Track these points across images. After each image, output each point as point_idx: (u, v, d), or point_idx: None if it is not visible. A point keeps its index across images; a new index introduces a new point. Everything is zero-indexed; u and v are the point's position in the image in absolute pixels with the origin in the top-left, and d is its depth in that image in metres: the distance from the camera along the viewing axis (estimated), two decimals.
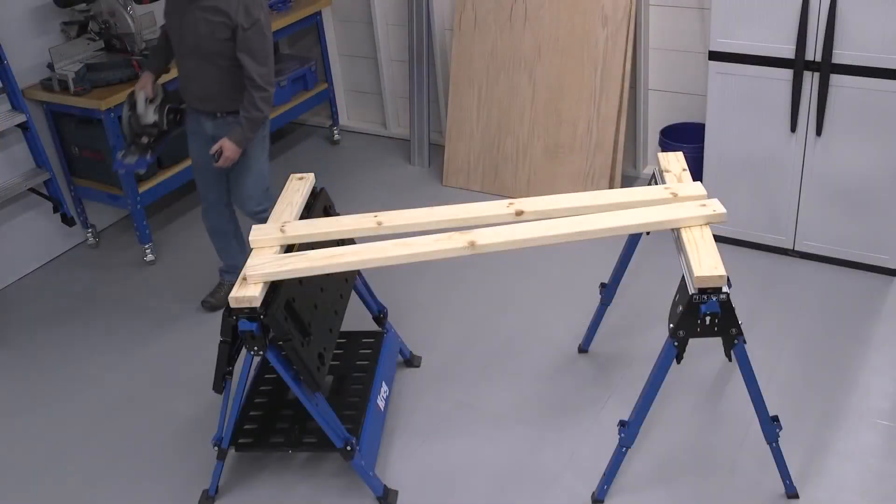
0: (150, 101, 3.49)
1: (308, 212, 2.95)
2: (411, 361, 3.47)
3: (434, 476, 2.97)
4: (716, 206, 2.56)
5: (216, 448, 2.84)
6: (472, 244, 2.52)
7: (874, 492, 2.73)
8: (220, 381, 2.71)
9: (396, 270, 3.82)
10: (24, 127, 4.04)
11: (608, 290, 3.24)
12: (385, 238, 2.66)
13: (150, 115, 3.48)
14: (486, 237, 2.54)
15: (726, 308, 2.37)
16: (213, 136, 3.45)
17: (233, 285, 3.46)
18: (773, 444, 2.65)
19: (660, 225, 2.56)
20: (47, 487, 3.09)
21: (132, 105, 3.49)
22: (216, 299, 3.87)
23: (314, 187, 3.06)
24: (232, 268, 3.85)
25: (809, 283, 3.70)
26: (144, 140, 3.51)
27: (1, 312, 4.09)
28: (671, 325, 2.46)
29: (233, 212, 3.75)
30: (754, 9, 3.45)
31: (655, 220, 2.56)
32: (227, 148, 3.34)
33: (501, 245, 2.55)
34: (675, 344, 2.44)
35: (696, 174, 3.42)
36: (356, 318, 3.49)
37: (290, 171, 3.28)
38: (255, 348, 2.53)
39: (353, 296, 3.17)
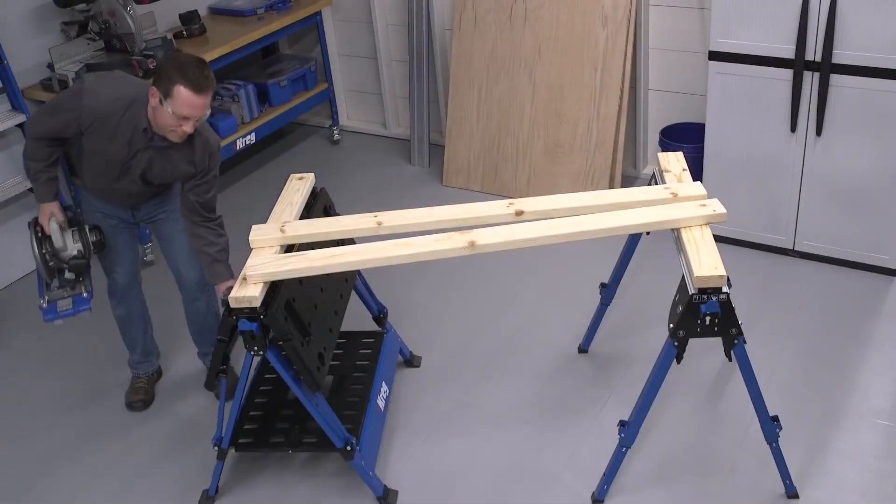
0: (62, 229, 2.97)
1: (308, 212, 2.95)
2: (411, 361, 3.47)
3: (434, 476, 2.97)
4: (716, 206, 2.56)
5: (216, 448, 2.84)
6: (472, 244, 2.52)
7: (874, 492, 2.73)
8: (214, 379, 2.71)
9: (396, 270, 3.81)
10: (24, 127, 4.03)
11: (608, 290, 3.24)
12: (385, 238, 2.66)
13: (70, 246, 2.94)
14: (486, 237, 2.53)
15: (726, 308, 2.37)
16: (132, 214, 3.11)
17: (152, 375, 3.47)
18: (773, 444, 2.65)
19: (660, 225, 2.56)
20: (47, 487, 3.09)
21: (41, 240, 2.95)
22: (146, 395, 3.44)
23: (314, 187, 3.06)
24: (147, 353, 3.45)
25: (809, 283, 3.70)
26: (69, 275, 2.96)
27: (1, 312, 4.09)
28: (671, 325, 2.46)
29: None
30: (754, 9, 3.45)
31: (655, 220, 2.56)
32: (228, 288, 2.77)
33: (501, 245, 2.55)
34: (675, 344, 2.44)
35: (696, 174, 3.42)
36: (356, 318, 3.48)
37: (290, 171, 3.27)
38: (255, 348, 2.53)
39: (353, 296, 3.17)
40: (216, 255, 2.95)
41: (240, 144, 4.72)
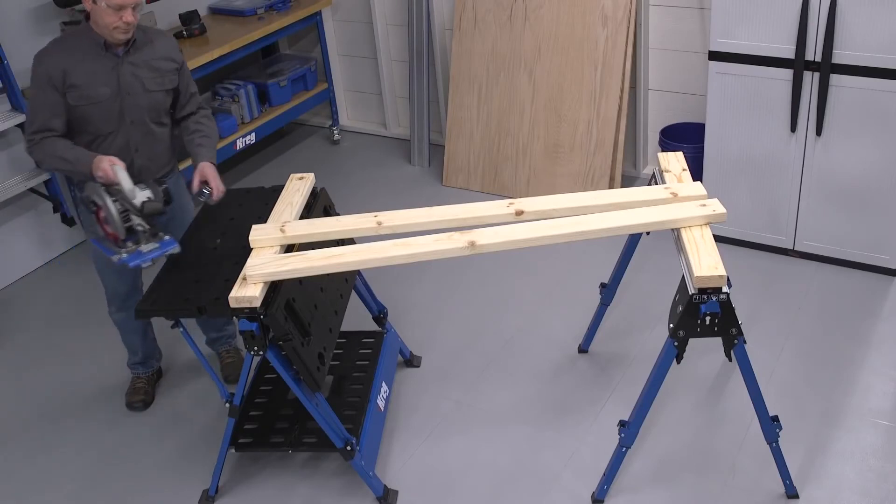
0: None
1: (308, 212, 2.95)
2: (411, 361, 3.47)
3: (434, 476, 2.97)
4: (716, 206, 2.56)
5: (228, 405, 2.82)
6: (472, 244, 2.52)
7: (874, 492, 2.73)
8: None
9: (396, 270, 3.82)
10: (25, 134, 4.03)
11: (608, 290, 3.24)
12: (385, 238, 2.66)
13: (139, 193, 2.73)
14: (486, 237, 2.53)
15: (726, 308, 2.37)
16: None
17: (152, 375, 3.45)
18: (773, 444, 2.65)
19: (660, 225, 2.56)
20: (46, 488, 3.09)
21: (109, 190, 2.73)
22: (146, 395, 3.43)
23: (314, 187, 3.06)
24: (148, 356, 3.44)
25: (809, 283, 3.70)
26: (141, 227, 2.75)
27: (1, 312, 4.09)
28: (671, 325, 2.46)
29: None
30: (754, 9, 3.45)
31: (655, 220, 2.56)
32: (212, 173, 2.90)
33: (501, 245, 2.55)
34: (675, 344, 2.44)
35: (696, 174, 3.42)
36: (356, 318, 3.49)
37: (290, 170, 3.28)
38: (255, 348, 2.53)
39: (353, 296, 3.17)
40: (201, 138, 3.00)
41: (240, 144, 4.72)
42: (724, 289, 2.35)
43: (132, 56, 2.87)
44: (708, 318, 2.38)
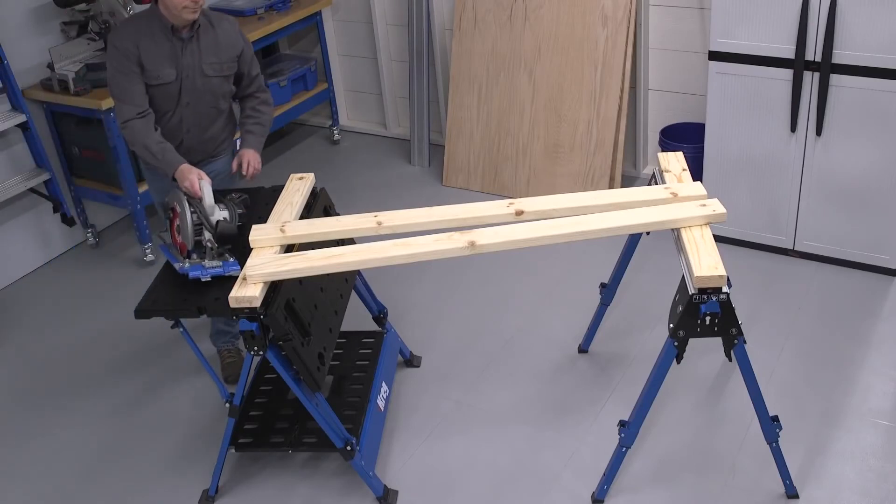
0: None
1: (308, 212, 2.95)
2: (411, 361, 3.47)
3: (434, 476, 2.97)
4: (716, 206, 2.56)
5: (228, 405, 2.82)
6: (472, 244, 2.52)
7: (874, 492, 2.73)
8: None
9: (396, 270, 3.82)
10: (24, 127, 4.04)
11: (608, 290, 3.24)
12: (385, 238, 2.66)
13: (217, 212, 2.74)
14: (486, 237, 2.53)
15: (726, 308, 2.37)
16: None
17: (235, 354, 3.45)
18: (773, 444, 2.65)
19: (660, 225, 2.56)
20: (47, 487, 3.09)
21: (191, 201, 2.76)
22: (230, 373, 3.46)
23: (314, 187, 3.06)
24: (225, 329, 3.48)
25: (809, 283, 3.70)
26: (212, 244, 2.72)
27: (1, 312, 4.09)
28: (671, 325, 2.46)
29: None
30: (754, 9, 3.45)
31: (655, 220, 2.56)
32: (253, 157, 3.12)
33: (501, 245, 2.55)
34: (675, 344, 2.44)
35: (696, 174, 3.42)
36: (356, 318, 3.49)
37: (290, 171, 3.28)
38: (255, 348, 2.53)
39: (353, 296, 3.17)
40: (252, 125, 3.18)
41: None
42: (724, 289, 2.35)
43: (195, 41, 2.99)
44: (708, 318, 2.38)
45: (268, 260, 2.58)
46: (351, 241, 2.93)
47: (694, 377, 3.24)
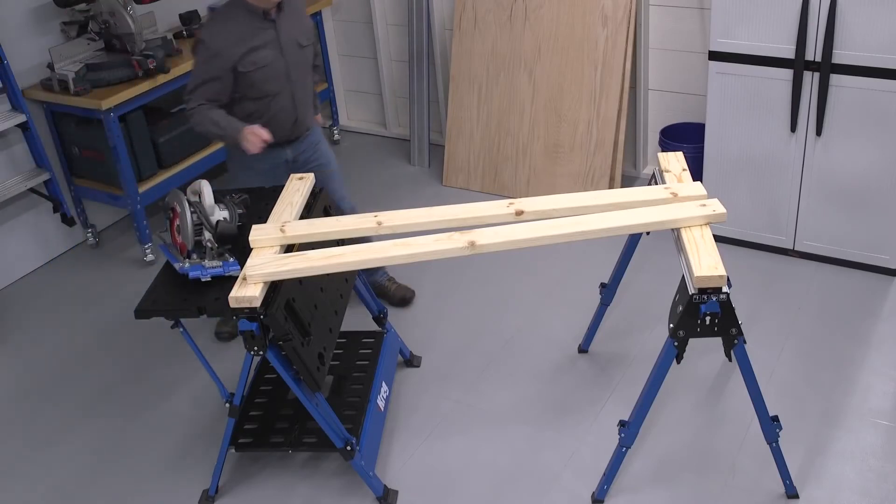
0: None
1: (308, 212, 2.95)
2: (411, 361, 3.47)
3: (434, 476, 2.97)
4: (716, 206, 2.56)
5: (228, 405, 2.82)
6: (472, 244, 2.52)
7: (874, 492, 2.73)
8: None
9: (397, 270, 3.82)
10: (24, 127, 4.04)
11: (608, 290, 3.24)
12: (385, 238, 2.66)
13: (217, 212, 2.74)
14: (486, 237, 2.53)
15: (726, 308, 2.37)
16: (293, 160, 3.39)
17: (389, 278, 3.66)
18: (773, 444, 2.65)
19: (660, 225, 2.56)
20: (47, 487, 3.09)
21: (191, 201, 2.73)
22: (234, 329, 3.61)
23: (314, 187, 3.06)
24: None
25: (809, 283, 3.70)
26: (211, 245, 2.72)
27: (1, 312, 4.09)
28: (671, 325, 2.46)
29: None
30: (754, 9, 3.45)
31: (655, 220, 2.56)
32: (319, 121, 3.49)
33: (501, 245, 2.55)
34: (675, 344, 2.44)
35: (696, 174, 3.42)
36: (356, 318, 3.49)
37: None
38: (255, 348, 2.53)
39: (353, 296, 3.17)
40: (316, 97, 3.43)
41: None
42: (724, 289, 2.35)
43: (284, 18, 3.13)
44: (708, 318, 2.38)
45: (268, 260, 2.58)
46: (351, 242, 2.92)
47: (694, 377, 3.24)
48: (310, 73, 3.34)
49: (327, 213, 3.08)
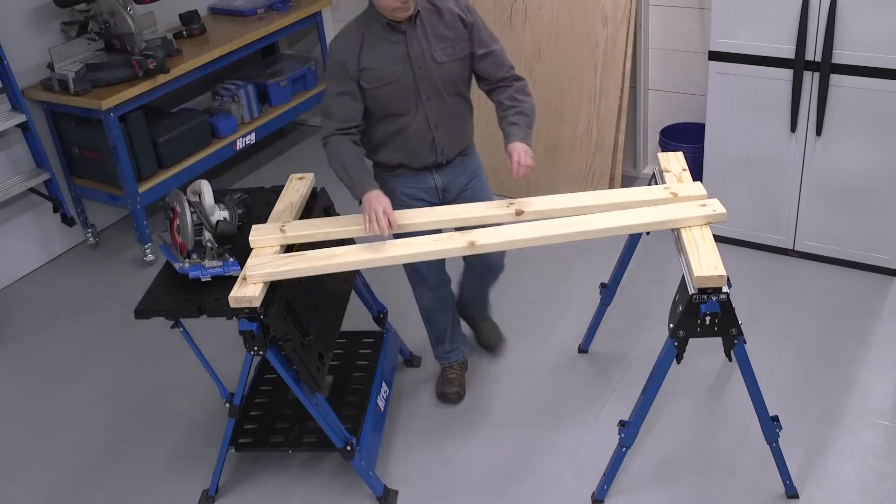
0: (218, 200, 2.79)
1: (308, 212, 2.95)
2: (411, 361, 3.47)
3: (434, 476, 2.97)
4: (716, 207, 2.56)
5: (228, 405, 2.82)
6: (472, 244, 2.52)
7: (874, 492, 2.73)
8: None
9: (397, 270, 3.81)
10: (24, 127, 4.04)
11: (608, 290, 3.24)
12: (385, 238, 2.66)
13: (217, 212, 2.74)
14: (486, 237, 2.54)
15: (726, 308, 2.37)
16: (443, 188, 2.96)
17: (460, 364, 3.33)
18: (773, 444, 2.65)
19: (660, 225, 2.56)
20: (47, 487, 3.09)
21: (189, 201, 2.73)
22: (460, 387, 3.30)
23: (314, 187, 3.06)
24: (454, 341, 3.31)
25: (809, 283, 3.70)
26: (212, 245, 2.72)
27: (1, 312, 4.09)
28: (671, 325, 2.46)
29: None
30: (754, 9, 3.45)
31: (655, 220, 2.56)
32: (524, 151, 2.78)
33: (501, 245, 2.55)
34: (675, 344, 2.44)
35: (696, 174, 3.42)
36: (356, 318, 3.49)
37: (290, 170, 3.27)
38: (255, 348, 2.53)
39: (353, 296, 3.17)
40: (513, 115, 2.83)
41: (240, 144, 4.72)
42: (724, 289, 2.35)
43: (419, 29, 2.73)
44: (708, 318, 2.38)
45: (267, 260, 2.58)
46: (351, 242, 2.92)
47: (694, 377, 3.24)
48: (456, 93, 2.83)
49: (327, 213, 3.08)
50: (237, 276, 2.58)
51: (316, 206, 3.01)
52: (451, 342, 3.26)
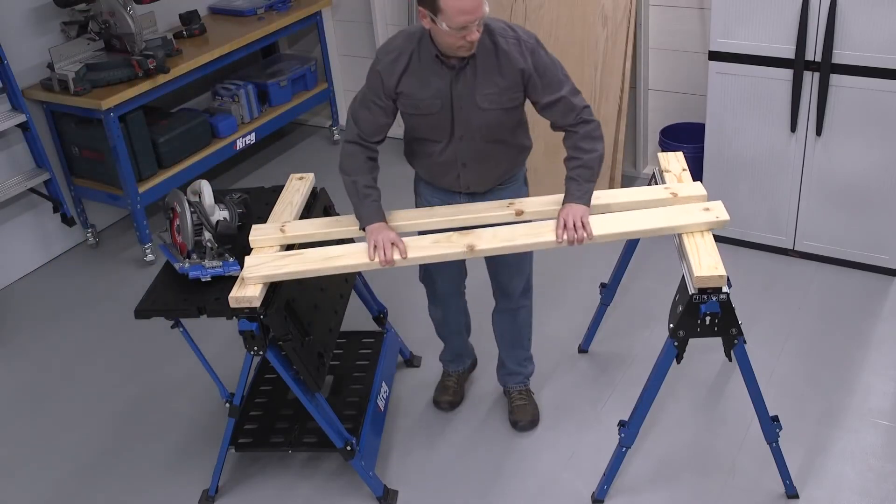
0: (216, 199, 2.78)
1: (308, 212, 2.95)
2: (411, 361, 3.47)
3: (434, 476, 2.97)
4: (719, 212, 2.53)
5: (228, 405, 2.81)
6: (472, 248, 2.51)
7: (874, 492, 2.73)
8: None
9: (396, 270, 3.80)
10: (24, 127, 4.03)
11: (608, 290, 3.24)
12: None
13: (217, 212, 2.74)
14: (486, 240, 2.52)
15: (726, 308, 2.37)
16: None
17: (459, 374, 3.27)
18: (773, 444, 2.65)
19: (662, 231, 2.54)
20: (47, 488, 3.09)
21: (189, 201, 2.72)
22: (454, 395, 3.25)
23: (314, 187, 3.06)
24: (457, 355, 3.26)
25: (809, 283, 3.70)
26: (211, 245, 2.71)
27: (1, 312, 4.09)
28: (671, 325, 2.46)
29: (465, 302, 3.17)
30: (754, 9, 3.45)
31: (658, 226, 2.52)
32: (576, 214, 2.50)
33: (501, 249, 2.54)
34: (675, 344, 2.44)
35: (696, 174, 3.42)
36: (356, 318, 3.48)
37: (290, 170, 3.27)
38: (255, 348, 2.53)
39: (353, 296, 3.17)
40: (575, 169, 2.57)
41: (240, 144, 4.72)
42: (724, 289, 2.35)
43: (469, 69, 2.47)
44: (708, 318, 2.38)
45: (265, 261, 2.57)
46: (351, 241, 2.92)
47: (694, 377, 3.24)
48: (495, 139, 2.62)
49: (327, 213, 3.08)
50: (237, 276, 2.58)
51: (316, 206, 3.01)
52: (454, 352, 3.23)
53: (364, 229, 2.61)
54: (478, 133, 2.58)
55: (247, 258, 2.60)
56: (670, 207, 2.61)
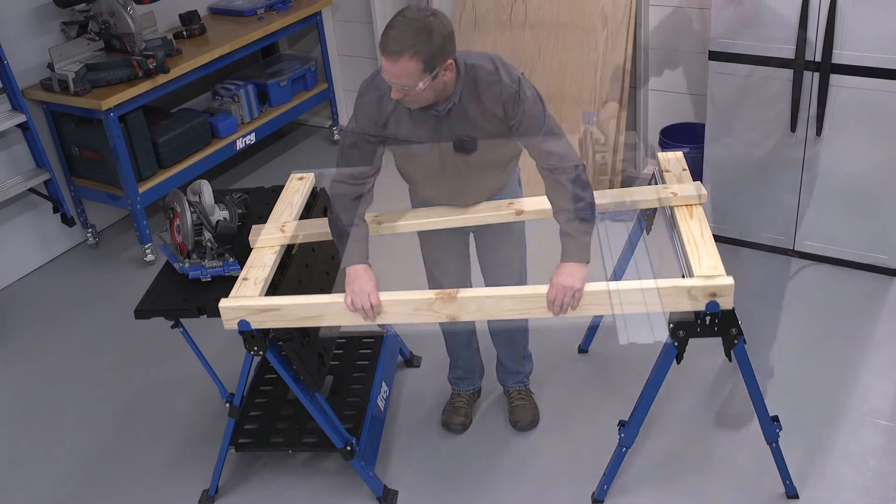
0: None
1: (308, 212, 2.95)
2: (411, 361, 3.47)
3: (434, 476, 2.97)
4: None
5: (228, 405, 2.82)
6: (452, 319, 2.41)
7: (874, 492, 2.73)
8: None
9: (397, 270, 3.81)
10: (24, 127, 4.03)
11: None
12: (384, 237, 2.65)
13: (217, 212, 2.75)
14: (467, 310, 2.41)
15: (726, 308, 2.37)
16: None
17: (469, 394, 3.20)
18: (773, 444, 2.65)
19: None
20: (46, 488, 3.09)
21: (189, 201, 2.73)
22: (465, 417, 3.17)
23: (314, 187, 3.06)
24: (470, 370, 3.20)
25: (809, 283, 3.70)
26: (211, 244, 2.72)
27: (1, 312, 4.09)
28: (671, 325, 2.46)
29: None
30: (754, 9, 3.45)
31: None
32: (568, 279, 2.41)
33: (479, 314, 2.44)
34: (675, 344, 2.44)
35: (696, 174, 3.41)
36: None
37: (290, 170, 3.27)
38: (255, 348, 2.53)
39: None
40: (567, 224, 2.48)
41: (240, 144, 4.72)
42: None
43: (455, 114, 2.43)
44: (708, 318, 2.38)
45: (249, 296, 2.48)
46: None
47: (694, 377, 3.24)
48: (481, 168, 2.62)
49: (327, 213, 3.08)
50: (237, 276, 2.58)
51: (316, 206, 3.01)
52: (465, 369, 3.16)
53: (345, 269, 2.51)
54: (465, 171, 2.58)
55: (248, 258, 2.59)
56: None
